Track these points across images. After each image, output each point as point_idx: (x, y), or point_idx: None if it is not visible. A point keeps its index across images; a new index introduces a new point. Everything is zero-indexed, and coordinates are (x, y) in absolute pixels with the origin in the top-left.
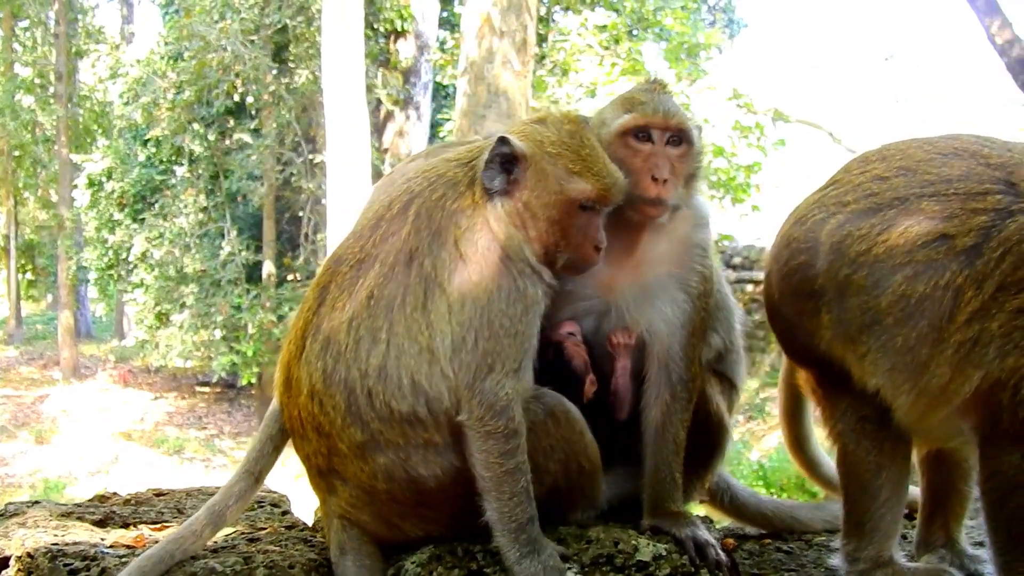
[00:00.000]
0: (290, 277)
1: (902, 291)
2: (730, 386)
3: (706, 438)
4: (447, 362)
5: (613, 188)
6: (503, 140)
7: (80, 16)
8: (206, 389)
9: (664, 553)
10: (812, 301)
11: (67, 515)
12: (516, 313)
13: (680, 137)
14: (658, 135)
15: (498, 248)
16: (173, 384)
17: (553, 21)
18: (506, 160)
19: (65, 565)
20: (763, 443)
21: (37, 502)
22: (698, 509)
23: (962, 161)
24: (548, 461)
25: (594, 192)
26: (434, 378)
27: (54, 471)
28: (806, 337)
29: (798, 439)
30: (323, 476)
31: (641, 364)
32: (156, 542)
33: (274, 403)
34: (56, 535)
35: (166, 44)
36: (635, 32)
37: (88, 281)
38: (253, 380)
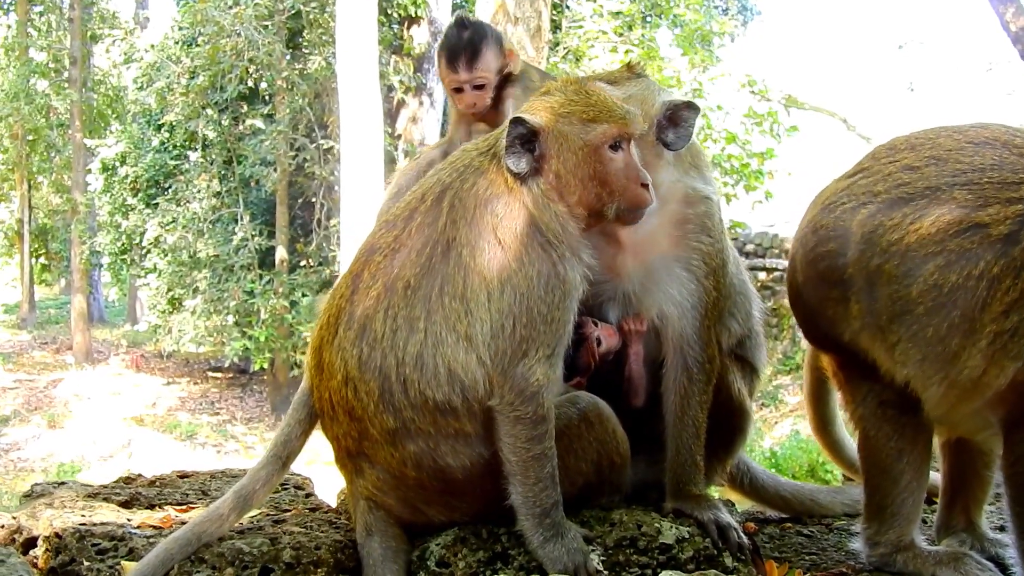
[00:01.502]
0: (303, 263)
1: (934, 280)
2: (751, 370)
3: (728, 422)
4: (484, 348)
5: (630, 118)
6: (516, 121)
7: (95, 1)
8: (218, 374)
9: (687, 535)
10: (839, 289)
11: (93, 496)
12: (554, 299)
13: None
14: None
15: (537, 233)
16: (185, 369)
17: (567, 8)
18: (525, 139)
19: (93, 545)
20: (776, 430)
21: (63, 483)
22: (718, 492)
23: (993, 150)
24: (581, 462)
25: (615, 128)
26: (470, 365)
27: (67, 455)
28: (829, 323)
29: (823, 421)
30: (352, 458)
31: (659, 349)
32: (183, 523)
33: (302, 388)
34: (83, 515)
35: (180, 29)
36: (649, 19)
37: (101, 266)
38: (265, 366)
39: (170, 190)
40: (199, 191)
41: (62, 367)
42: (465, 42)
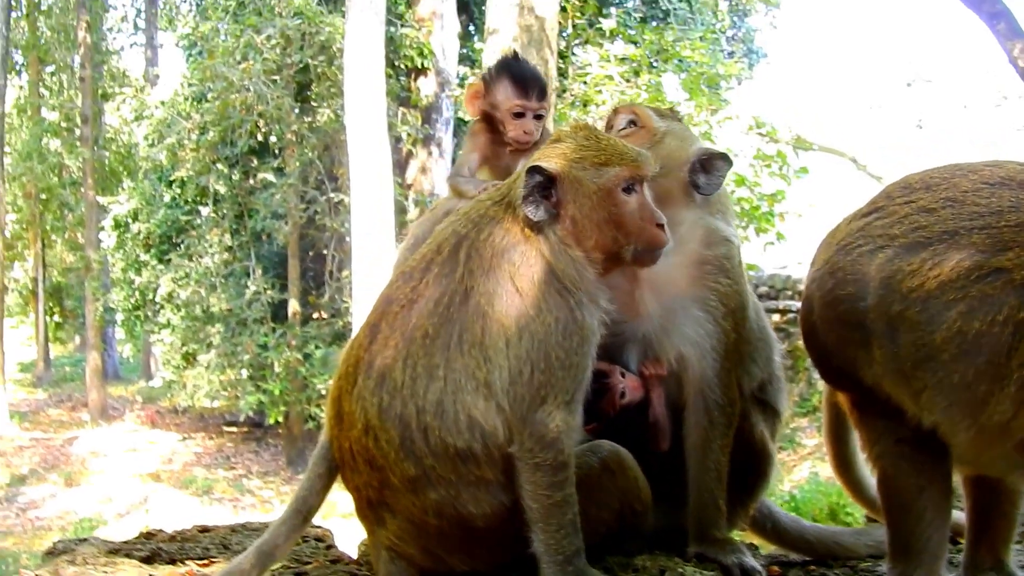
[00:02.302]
0: (315, 315)
1: (958, 327)
2: (773, 413)
3: (750, 465)
4: (503, 395)
5: (642, 160)
6: (532, 169)
7: (105, 60)
8: (233, 429)
9: None
10: (859, 332)
11: (115, 552)
12: (572, 345)
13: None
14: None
15: (554, 280)
16: (200, 424)
17: (573, 54)
18: (542, 187)
19: None
20: (794, 474)
21: (85, 540)
22: (741, 537)
23: (1010, 191)
24: (602, 511)
25: (627, 170)
26: (490, 412)
27: (84, 512)
28: (849, 364)
29: (843, 460)
30: (372, 508)
31: (679, 392)
32: None
33: (321, 442)
34: (105, 572)
35: (190, 85)
36: (655, 64)
37: (115, 323)
38: (280, 419)
39: (182, 245)
40: (211, 246)
41: (78, 424)
42: (532, 71)
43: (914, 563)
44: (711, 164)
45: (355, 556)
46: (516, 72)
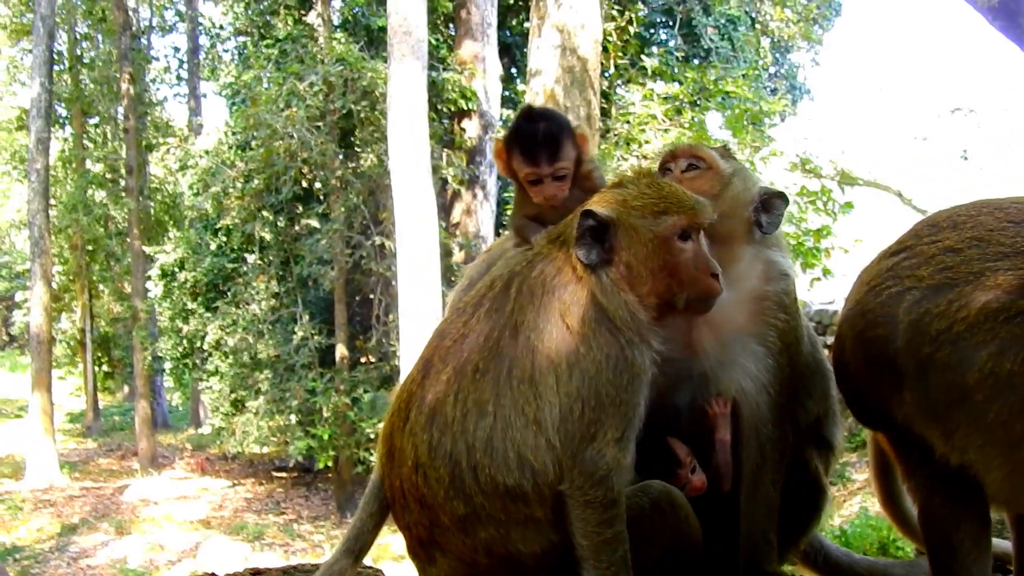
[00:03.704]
0: (363, 359)
1: (990, 368)
2: (828, 447)
3: (804, 500)
4: (553, 432)
5: (700, 208)
6: (586, 213)
7: (148, 110)
8: (283, 474)
9: None
10: (891, 374)
11: None
12: (622, 382)
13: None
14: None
15: (606, 319)
16: (250, 470)
17: (616, 94)
18: (595, 231)
19: None
20: (844, 509)
21: None
22: (792, 571)
23: None
24: (652, 549)
25: (685, 219)
26: (540, 450)
27: (136, 561)
28: (881, 404)
29: (889, 494)
30: (424, 547)
31: (734, 427)
32: None
33: (373, 480)
34: None
35: (233, 134)
36: (698, 102)
37: (163, 371)
38: (330, 464)
39: (229, 293)
40: (258, 293)
41: (128, 473)
42: (543, 134)
43: None
44: (771, 203)
45: None
46: (524, 139)
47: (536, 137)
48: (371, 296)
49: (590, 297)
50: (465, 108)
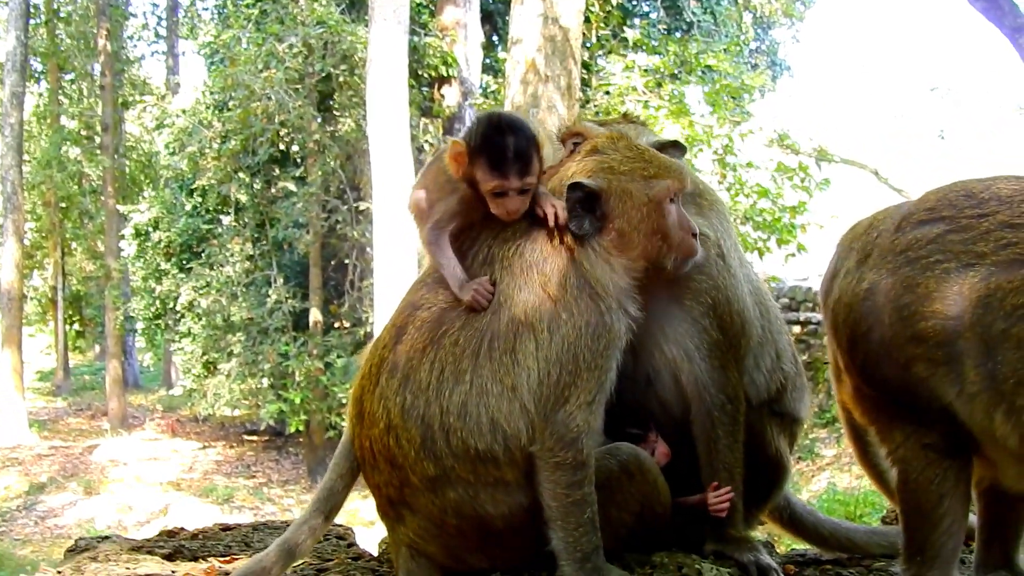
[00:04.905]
0: (337, 325)
1: None
2: (792, 420)
3: (764, 475)
4: (529, 396)
5: (684, 172)
6: (574, 186)
7: (126, 68)
8: (254, 438)
9: None
10: (943, 351)
11: (137, 549)
12: (599, 348)
13: None
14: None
15: (587, 286)
16: (221, 433)
17: (596, 65)
18: (585, 202)
19: None
20: (813, 484)
21: (107, 537)
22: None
23: None
24: (622, 513)
25: (675, 183)
26: (513, 414)
27: (104, 521)
28: (908, 378)
29: (867, 452)
30: (393, 506)
31: (681, 395)
32: (226, 574)
33: (343, 441)
34: (128, 568)
35: (211, 94)
36: (678, 75)
37: (135, 331)
38: (301, 428)
39: (203, 254)
40: (232, 255)
41: (98, 433)
42: (514, 146)
43: (927, 566)
44: (668, 154)
45: (375, 554)
46: (494, 151)
47: (507, 150)
48: (346, 261)
49: (572, 266)
50: (445, 75)
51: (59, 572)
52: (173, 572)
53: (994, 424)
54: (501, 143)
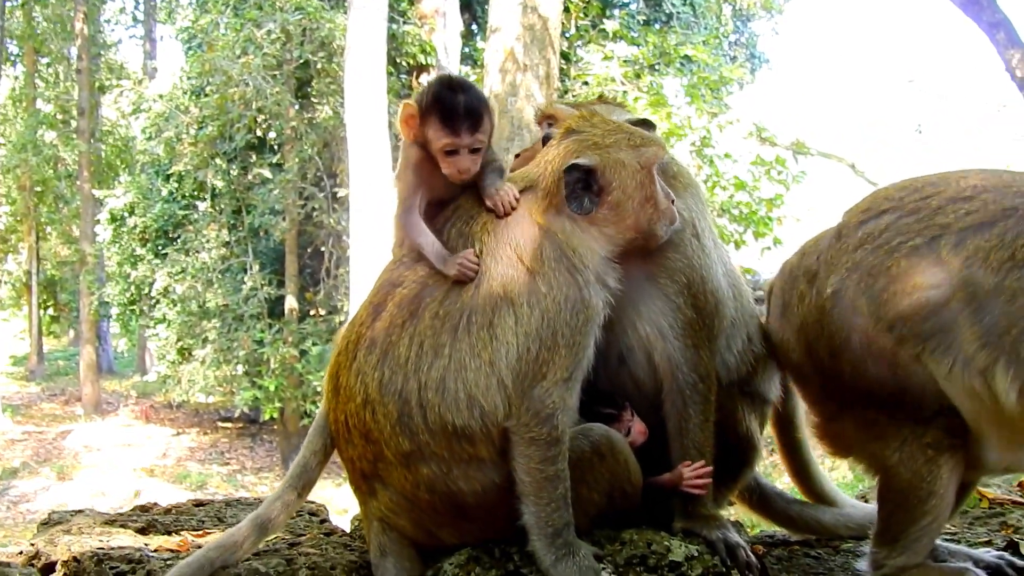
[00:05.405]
0: (312, 312)
1: None
2: (763, 401)
3: (734, 456)
4: (507, 371)
5: (662, 141)
6: (571, 168)
7: (103, 52)
8: (228, 424)
9: (696, 554)
10: (929, 323)
11: (110, 523)
12: (577, 323)
13: None
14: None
15: (565, 258)
16: (195, 420)
17: (576, 55)
18: (583, 181)
19: (111, 568)
20: (785, 476)
21: (80, 511)
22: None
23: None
24: (593, 492)
25: (660, 149)
26: (491, 390)
27: (76, 507)
28: (895, 369)
29: (798, 468)
30: (366, 480)
31: (653, 373)
32: (199, 547)
33: (318, 418)
34: (101, 541)
35: (188, 79)
36: (658, 67)
37: (110, 317)
38: (275, 415)
39: (179, 240)
40: (208, 241)
41: (71, 419)
42: (465, 104)
43: (898, 551)
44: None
45: (348, 530)
46: (446, 107)
47: (458, 107)
48: (322, 249)
49: (546, 236)
50: (424, 63)
51: (32, 544)
52: (146, 545)
53: (994, 381)
54: (452, 100)
